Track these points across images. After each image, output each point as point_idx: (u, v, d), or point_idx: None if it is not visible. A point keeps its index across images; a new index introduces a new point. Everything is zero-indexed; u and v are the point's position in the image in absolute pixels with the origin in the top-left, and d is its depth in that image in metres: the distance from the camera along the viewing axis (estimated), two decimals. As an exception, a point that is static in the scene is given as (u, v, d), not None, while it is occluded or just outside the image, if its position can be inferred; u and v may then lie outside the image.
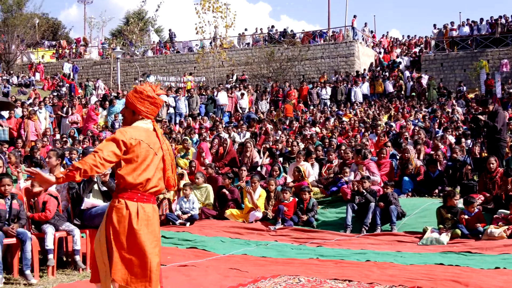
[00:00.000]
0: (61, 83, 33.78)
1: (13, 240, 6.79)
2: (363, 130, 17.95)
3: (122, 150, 4.35)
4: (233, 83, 29.48)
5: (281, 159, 14.51)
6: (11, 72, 38.09)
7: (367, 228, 10.32)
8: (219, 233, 10.46)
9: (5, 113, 19.53)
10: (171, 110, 24.22)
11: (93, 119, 21.24)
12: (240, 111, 24.43)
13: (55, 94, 28.79)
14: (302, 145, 15.22)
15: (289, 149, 14.95)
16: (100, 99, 25.75)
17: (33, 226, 7.44)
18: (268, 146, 15.28)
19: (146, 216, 4.40)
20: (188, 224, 11.27)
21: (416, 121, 19.69)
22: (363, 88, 27.23)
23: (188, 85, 30.29)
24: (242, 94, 25.32)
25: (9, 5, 42.16)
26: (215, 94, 25.18)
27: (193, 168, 13.45)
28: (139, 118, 4.60)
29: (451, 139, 15.45)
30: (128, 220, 4.32)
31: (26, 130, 18.37)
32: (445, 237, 9.16)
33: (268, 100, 25.80)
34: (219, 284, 6.37)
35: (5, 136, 18.05)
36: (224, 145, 15.02)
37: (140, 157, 4.43)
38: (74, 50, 43.94)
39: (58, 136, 18.59)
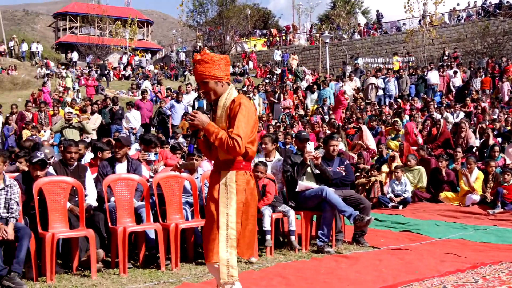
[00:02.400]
0: (273, 70, 35.04)
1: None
2: None
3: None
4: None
5: (499, 139, 13.70)
6: (227, 61, 40.36)
7: None
8: (433, 217, 10.16)
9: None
10: (380, 92, 23.94)
11: (343, 103, 21.14)
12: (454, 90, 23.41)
13: (267, 81, 29.96)
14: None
15: (508, 128, 14.03)
16: (311, 83, 26.20)
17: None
18: (484, 126, 14.49)
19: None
20: (400, 207, 11.12)
21: None
22: None
23: (396, 66, 29.67)
24: (455, 72, 24.22)
25: (224, -1, 44.81)
26: (425, 73, 24.39)
27: (402, 149, 13.18)
28: (224, 85, 4.21)
29: None
30: (252, 191, 4.23)
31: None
32: None
33: (483, 77, 24.34)
34: (436, 269, 6.19)
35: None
36: (437, 125, 14.52)
37: (257, 127, 4.24)
38: (284, 38, 45.28)
39: (273, 122, 19.29)
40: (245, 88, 25.87)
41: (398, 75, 24.91)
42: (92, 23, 56.50)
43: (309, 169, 7.76)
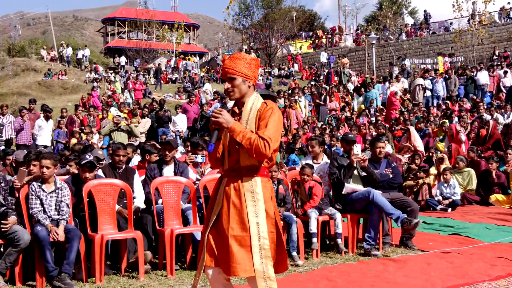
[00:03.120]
0: (319, 72, 34.88)
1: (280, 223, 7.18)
2: None
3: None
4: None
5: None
6: (272, 64, 40.43)
7: None
8: (483, 220, 9.94)
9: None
10: (428, 93, 23.57)
11: (395, 104, 20.64)
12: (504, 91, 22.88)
13: (313, 83, 29.85)
14: None
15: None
16: (359, 85, 25.97)
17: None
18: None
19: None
20: (449, 209, 10.93)
21: None
22: None
23: (441, 68, 29.11)
24: (505, 72, 23.69)
25: (269, 1, 44.84)
26: (475, 74, 23.92)
27: (451, 151, 12.97)
28: (250, 86, 3.95)
29: None
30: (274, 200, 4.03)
31: (288, 118, 19.36)
32: None
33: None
34: (486, 273, 6.06)
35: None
36: (487, 127, 14.24)
37: (280, 139, 4.02)
38: (330, 39, 45.05)
39: (319, 124, 19.21)
40: (290, 91, 25.80)
41: (446, 75, 24.50)
42: (139, 28, 57.32)
43: (355, 172, 7.71)
